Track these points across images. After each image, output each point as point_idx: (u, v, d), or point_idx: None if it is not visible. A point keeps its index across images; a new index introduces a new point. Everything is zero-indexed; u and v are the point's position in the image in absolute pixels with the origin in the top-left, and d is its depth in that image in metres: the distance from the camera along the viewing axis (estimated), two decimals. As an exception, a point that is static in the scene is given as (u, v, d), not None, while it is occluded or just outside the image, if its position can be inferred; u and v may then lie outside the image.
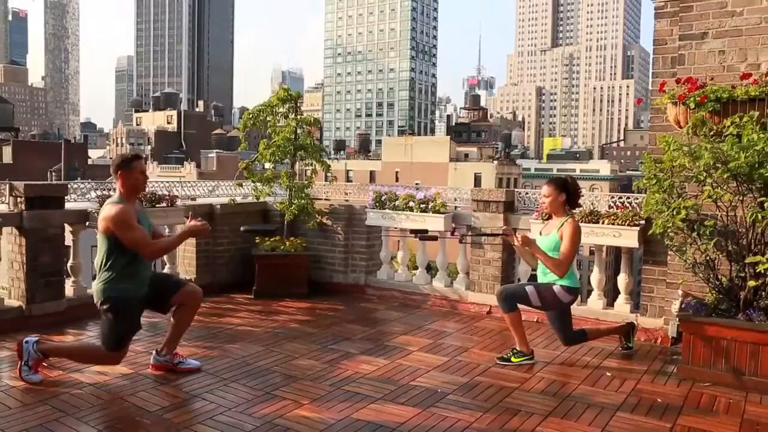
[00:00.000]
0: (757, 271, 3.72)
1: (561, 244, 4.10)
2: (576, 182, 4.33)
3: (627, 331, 4.52)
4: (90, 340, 4.56)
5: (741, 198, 3.82)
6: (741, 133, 3.64)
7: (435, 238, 5.23)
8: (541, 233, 4.37)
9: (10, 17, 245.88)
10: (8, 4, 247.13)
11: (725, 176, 3.71)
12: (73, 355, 3.97)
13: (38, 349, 3.70)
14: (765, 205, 3.62)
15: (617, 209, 4.94)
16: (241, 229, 6.33)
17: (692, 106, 3.83)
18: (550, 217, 4.43)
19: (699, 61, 4.40)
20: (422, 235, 5.02)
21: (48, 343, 3.93)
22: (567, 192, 4.20)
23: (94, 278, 5.61)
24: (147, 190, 5.28)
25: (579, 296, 4.46)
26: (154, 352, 3.96)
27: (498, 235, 4.86)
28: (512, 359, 4.20)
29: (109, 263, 3.68)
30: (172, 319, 3.95)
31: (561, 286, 4.15)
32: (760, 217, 3.64)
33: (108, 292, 3.66)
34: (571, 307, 4.36)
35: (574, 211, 4.36)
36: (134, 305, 3.74)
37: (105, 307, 3.67)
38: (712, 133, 3.84)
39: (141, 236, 3.64)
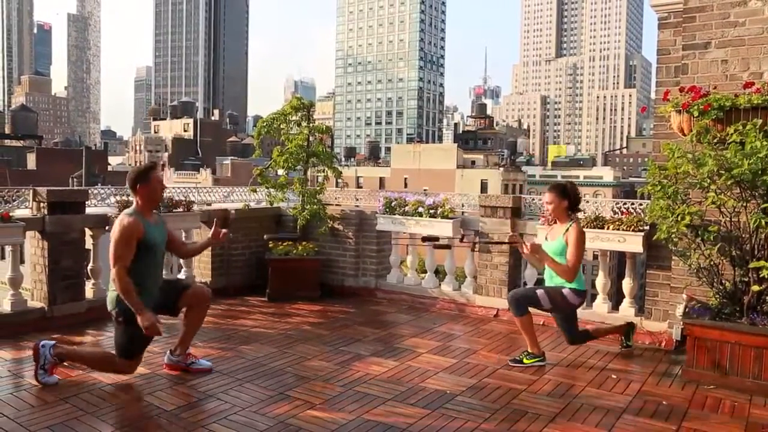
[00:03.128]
0: (761, 276, 3.75)
1: (567, 249, 4.20)
2: (575, 187, 4.42)
3: (627, 330, 4.68)
4: (106, 349, 4.39)
5: (744, 204, 3.86)
6: (744, 141, 3.69)
7: (448, 247, 5.38)
8: (547, 238, 4.45)
9: (35, 30, 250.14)
10: (33, 18, 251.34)
11: (729, 183, 3.76)
12: (87, 361, 3.94)
13: (55, 353, 3.72)
14: (768, 210, 3.68)
15: (621, 215, 4.99)
16: (265, 237, 6.44)
17: (696, 114, 3.88)
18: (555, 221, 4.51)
19: (702, 70, 4.45)
20: (435, 243, 5.14)
21: (64, 347, 3.87)
22: (568, 198, 4.32)
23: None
24: (165, 195, 5.38)
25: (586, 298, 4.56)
26: (168, 351, 4.04)
27: (507, 243, 4.97)
28: (524, 360, 4.29)
29: None
30: (183, 320, 4.05)
31: (570, 289, 4.25)
32: (763, 222, 3.68)
33: (120, 301, 3.67)
34: (578, 310, 4.44)
35: (577, 215, 4.44)
36: None
37: (119, 318, 3.73)
38: (715, 140, 3.89)
39: (123, 256, 3.62)
